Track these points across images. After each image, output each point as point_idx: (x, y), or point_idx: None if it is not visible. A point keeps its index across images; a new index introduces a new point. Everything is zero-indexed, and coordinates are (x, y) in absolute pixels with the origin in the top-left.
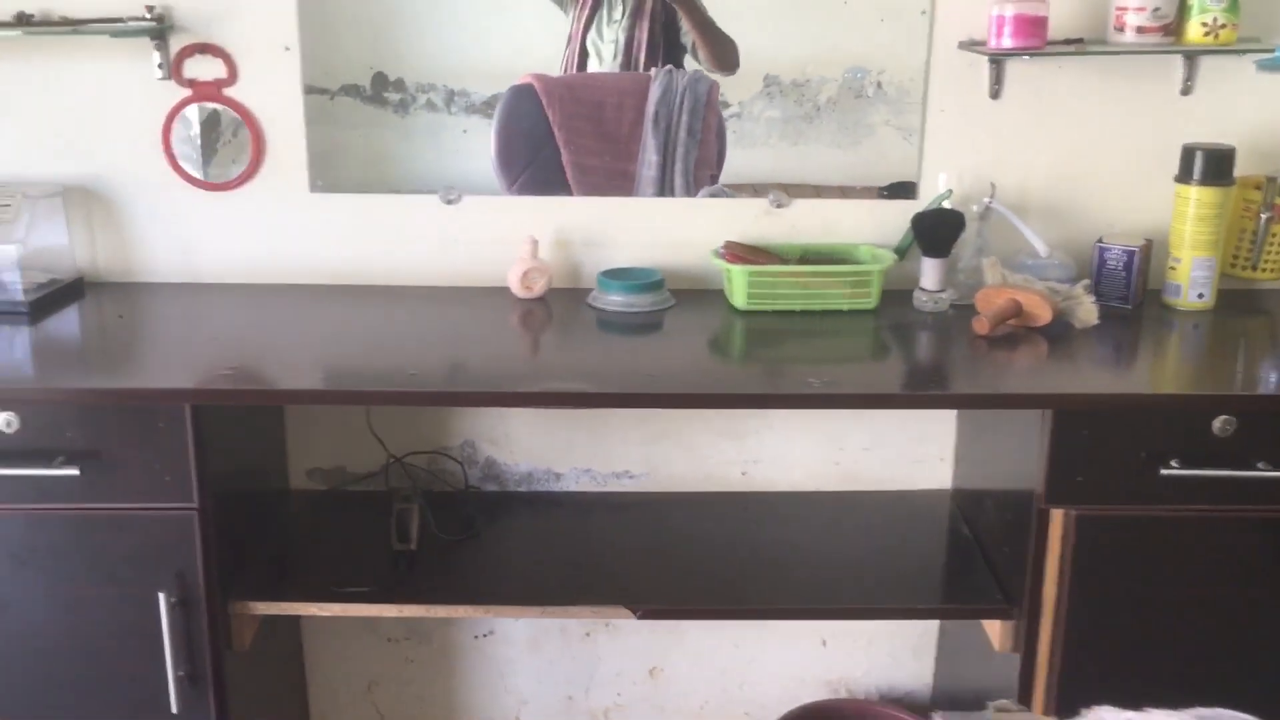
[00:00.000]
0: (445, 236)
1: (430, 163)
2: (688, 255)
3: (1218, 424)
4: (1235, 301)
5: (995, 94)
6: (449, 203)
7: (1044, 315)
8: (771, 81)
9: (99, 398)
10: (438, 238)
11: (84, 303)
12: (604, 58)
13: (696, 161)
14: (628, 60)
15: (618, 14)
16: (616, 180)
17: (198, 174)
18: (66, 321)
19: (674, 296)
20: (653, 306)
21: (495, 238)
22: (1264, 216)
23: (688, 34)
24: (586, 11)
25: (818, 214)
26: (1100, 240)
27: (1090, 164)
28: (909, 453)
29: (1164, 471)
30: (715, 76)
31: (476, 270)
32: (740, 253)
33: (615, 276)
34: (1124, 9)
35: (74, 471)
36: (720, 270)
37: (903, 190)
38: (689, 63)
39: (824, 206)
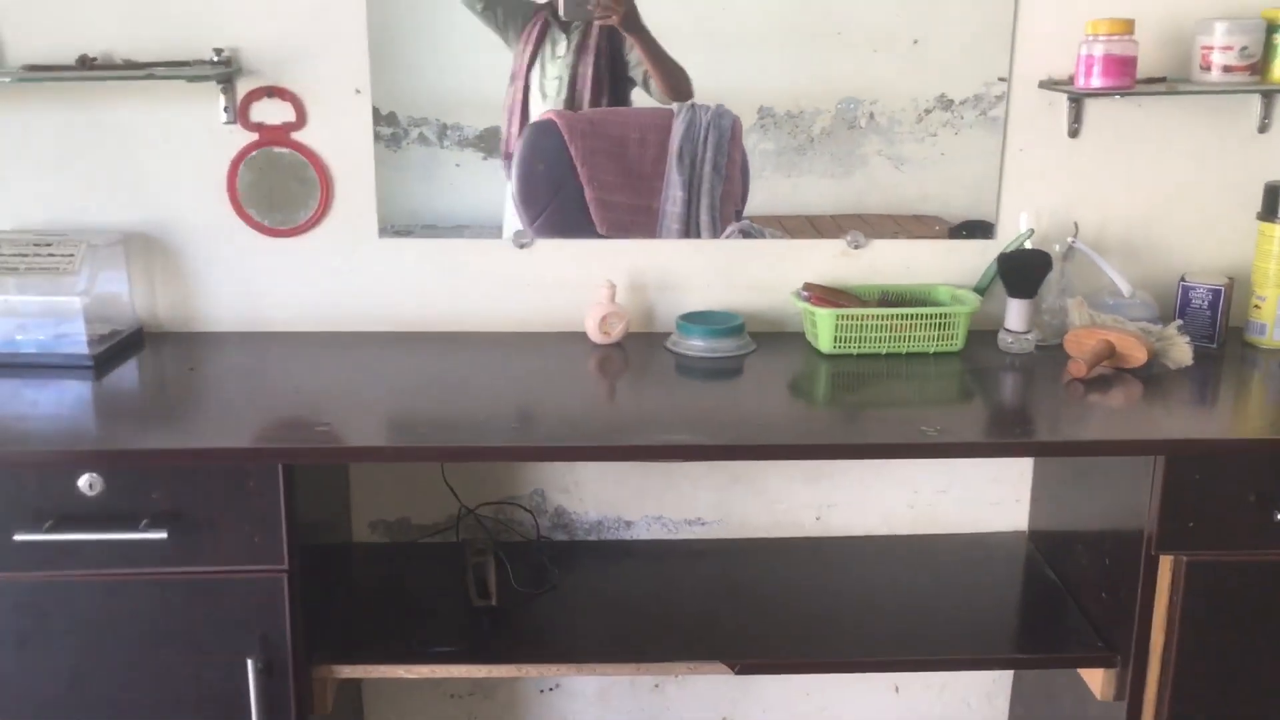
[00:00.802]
0: (518, 281)
1: (422, 197)
2: (764, 297)
3: None
4: None
5: (1074, 132)
6: (521, 247)
7: (1139, 357)
8: (766, 114)
9: (189, 459)
10: (510, 282)
11: (147, 354)
12: (548, 95)
13: (721, 197)
14: (572, 96)
15: (561, 49)
16: (640, 217)
17: (264, 220)
18: (134, 374)
19: (754, 340)
20: (735, 351)
21: (568, 281)
22: None
23: (637, 66)
24: (530, 47)
25: (895, 254)
26: (1184, 279)
27: (1168, 202)
28: (985, 494)
29: (1278, 516)
30: (670, 102)
31: (549, 315)
32: (822, 294)
33: (695, 320)
34: (1210, 48)
35: (161, 535)
36: (800, 312)
37: (979, 229)
38: (637, 96)
39: (901, 246)
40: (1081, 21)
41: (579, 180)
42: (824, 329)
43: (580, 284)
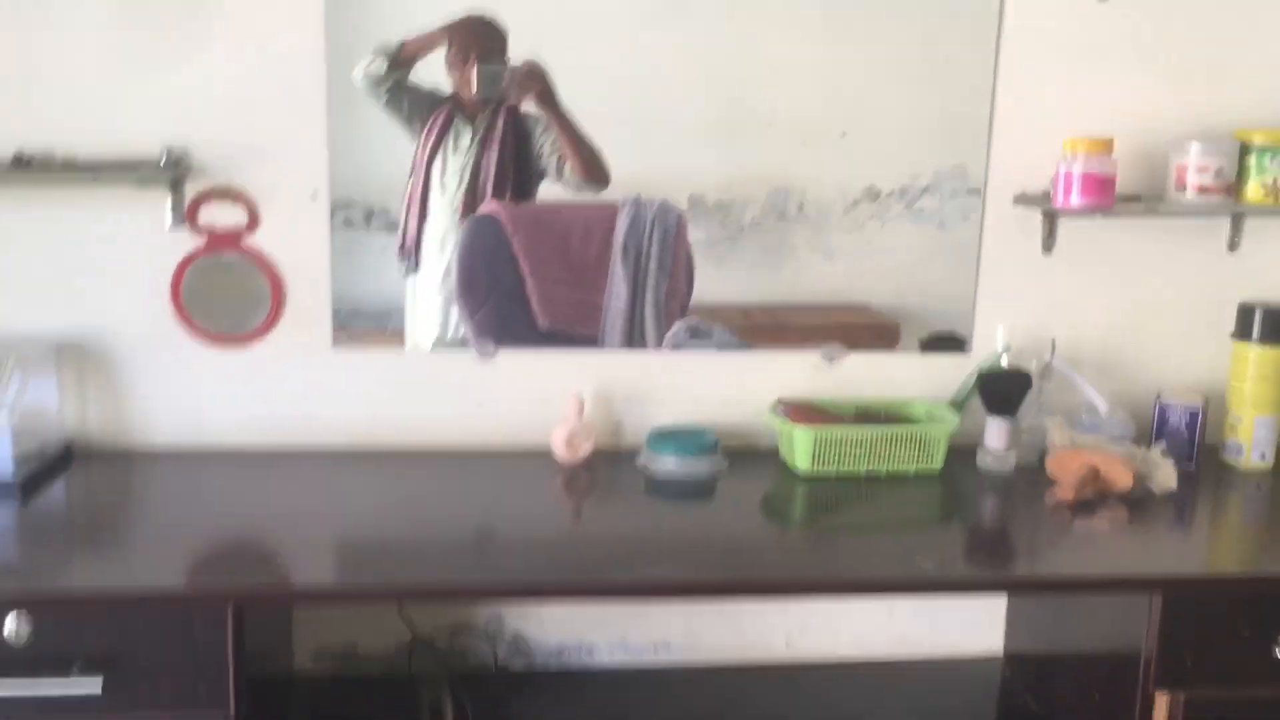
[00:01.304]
0: (480, 395)
1: (346, 283)
2: (736, 411)
3: None
4: None
5: (1048, 247)
6: (485, 359)
7: (1124, 481)
8: (696, 202)
9: (131, 602)
10: (472, 396)
11: (77, 474)
12: (446, 188)
13: (666, 294)
14: (473, 190)
15: (465, 141)
16: (584, 311)
17: (209, 328)
18: (63, 498)
19: (726, 457)
20: (709, 471)
21: (533, 394)
22: None
23: (551, 154)
24: (433, 139)
25: (869, 368)
26: (1160, 398)
27: (1141, 319)
28: (960, 617)
29: (1277, 650)
30: (586, 191)
31: (514, 431)
32: (799, 411)
33: (666, 437)
34: (1185, 167)
35: (95, 682)
36: (773, 428)
37: (952, 343)
38: (545, 188)
39: (875, 360)
40: (1055, 136)
41: (520, 273)
42: (802, 448)
43: (546, 398)
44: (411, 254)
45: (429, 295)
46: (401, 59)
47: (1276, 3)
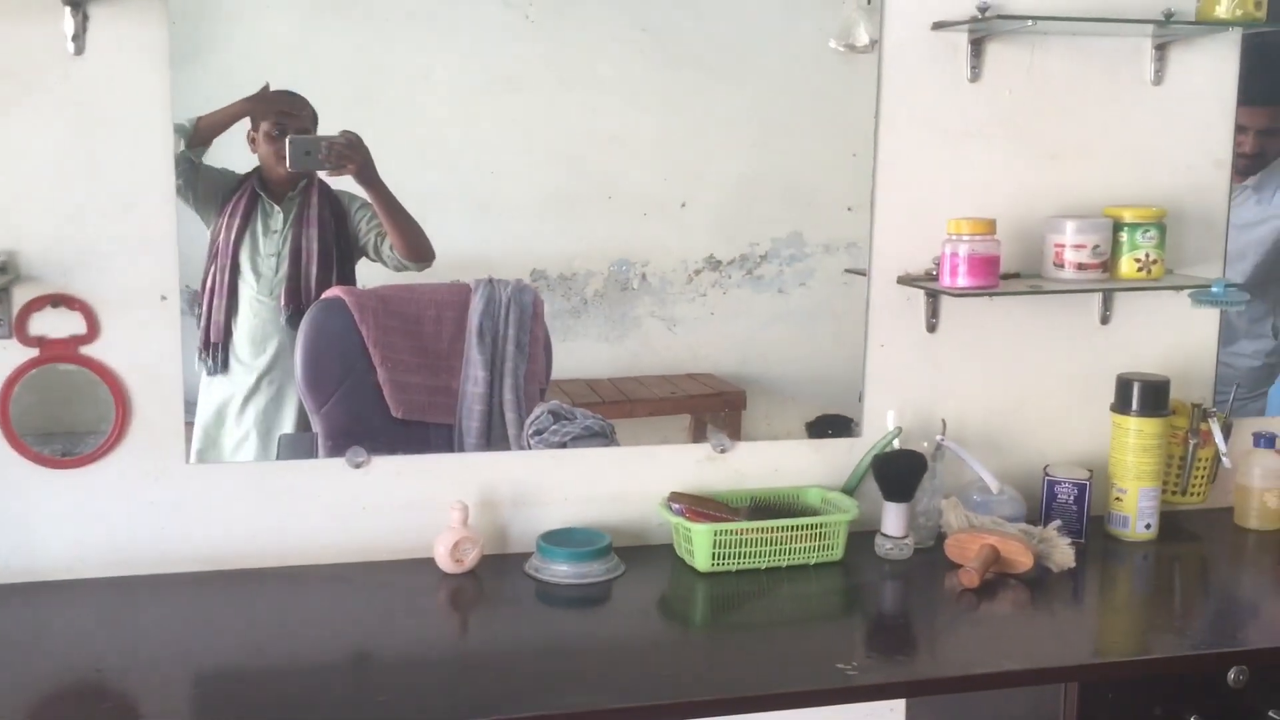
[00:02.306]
0: (354, 505)
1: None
2: (627, 508)
3: (1231, 676)
4: (1168, 526)
5: (932, 327)
6: (356, 466)
7: (1024, 562)
8: (539, 277)
9: None
10: (345, 508)
11: None
12: (262, 275)
13: (526, 375)
14: (295, 275)
15: (276, 222)
16: (439, 397)
17: (43, 449)
18: None
19: (620, 558)
20: (603, 575)
21: (412, 502)
22: (1192, 442)
23: (369, 232)
24: (236, 222)
25: (761, 456)
26: (1048, 472)
27: (1024, 393)
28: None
29: None
30: (409, 269)
31: (392, 541)
32: (693, 506)
33: (557, 541)
34: (1062, 245)
35: None
36: (666, 523)
37: (839, 425)
38: (363, 268)
39: (766, 449)
40: (934, 214)
41: (371, 362)
42: (700, 546)
43: (425, 504)
44: (218, 351)
45: (234, 398)
46: (198, 136)
47: (1137, 85)
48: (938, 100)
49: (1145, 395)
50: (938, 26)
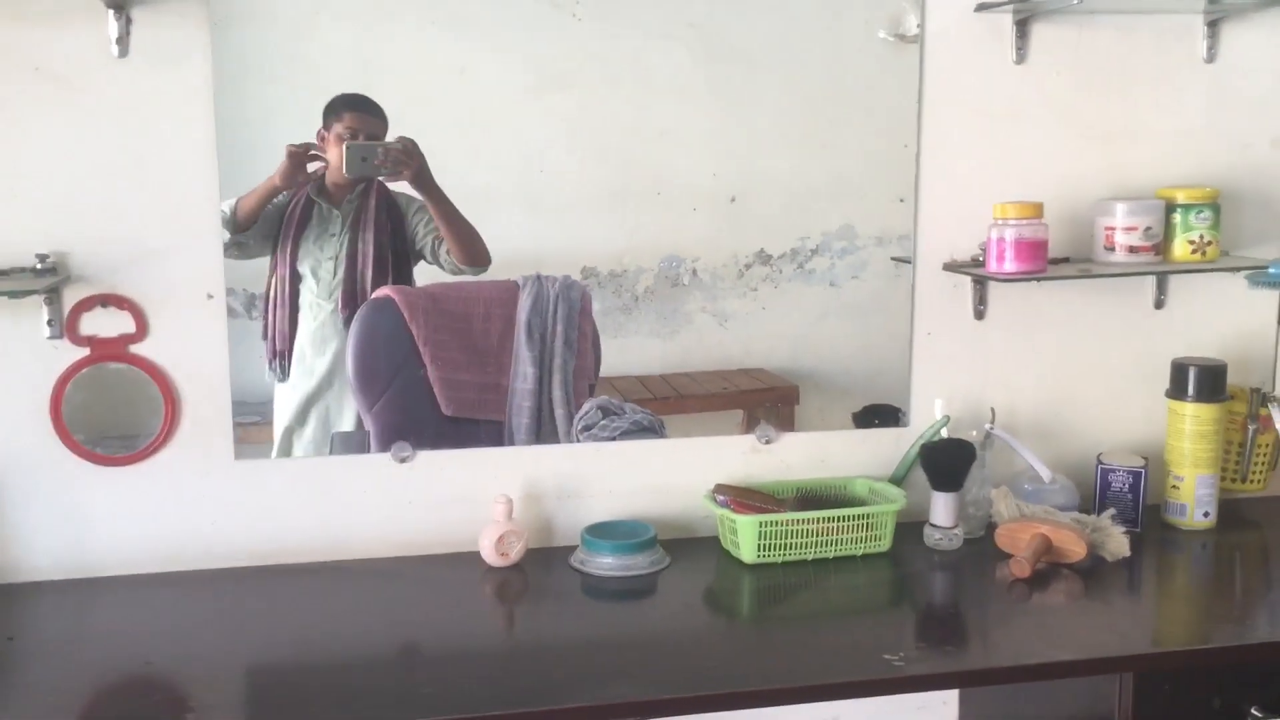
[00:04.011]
0: (399, 500)
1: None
2: (672, 500)
3: None
4: (1227, 514)
5: (980, 314)
6: (402, 461)
7: (1078, 551)
8: (589, 274)
9: None
10: (391, 503)
11: None
12: (320, 280)
13: (575, 371)
14: (351, 278)
15: (334, 227)
16: (489, 395)
17: (96, 447)
18: None
19: (665, 550)
20: (648, 568)
21: (457, 496)
22: (1251, 428)
23: (426, 236)
24: (293, 229)
25: (806, 447)
26: (1101, 460)
27: (1076, 381)
28: (911, 703)
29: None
30: (466, 274)
31: (438, 535)
32: (739, 498)
33: (602, 534)
34: (1113, 228)
35: None
36: (711, 515)
37: (887, 415)
38: (422, 271)
39: (812, 440)
40: (979, 199)
41: (421, 360)
42: (746, 538)
43: (470, 498)
44: (285, 358)
45: (300, 402)
46: (240, 222)
47: (1189, 62)
48: (983, 84)
49: (1202, 380)
50: (981, 8)
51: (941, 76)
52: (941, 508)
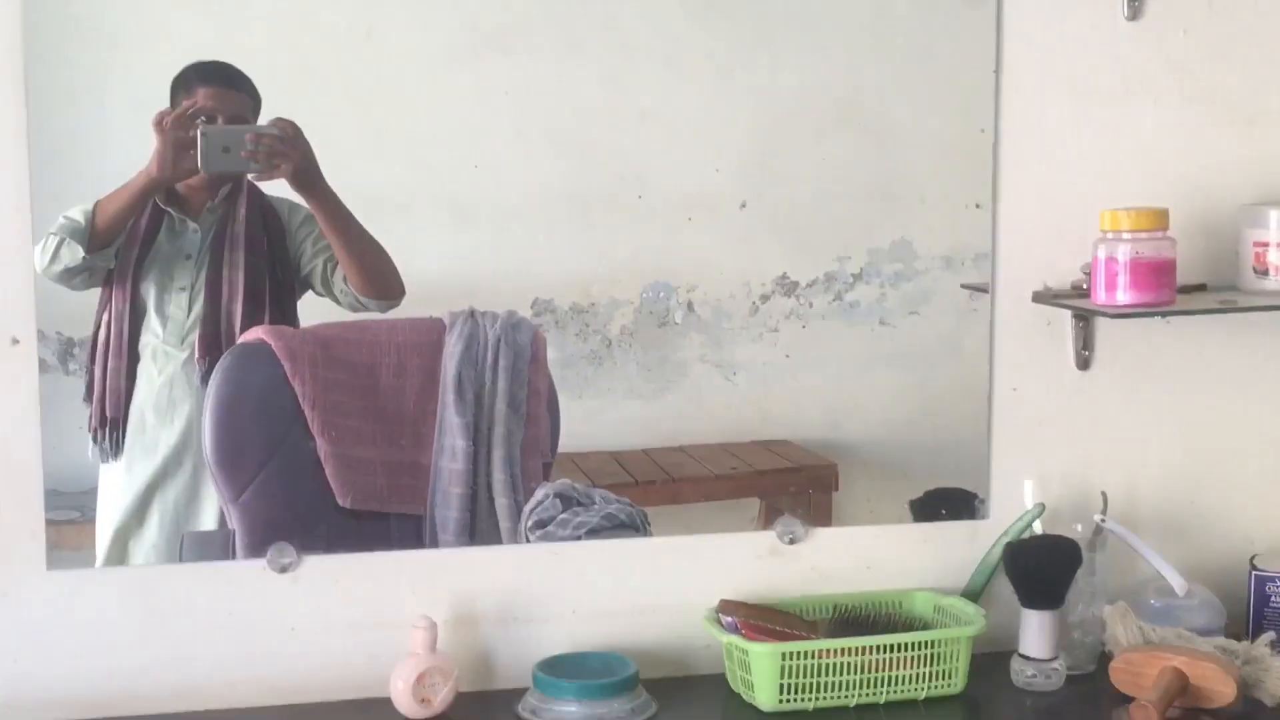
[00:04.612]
0: (279, 625)
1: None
2: (657, 624)
3: None
4: None
5: (1084, 363)
6: (282, 571)
7: (1225, 692)
8: (543, 307)
9: None
10: (268, 628)
11: None
12: (171, 320)
13: (523, 445)
14: (213, 316)
15: (190, 245)
16: (403, 478)
17: None
18: None
19: (650, 695)
20: (629, 718)
21: (358, 620)
22: None
23: (314, 258)
24: (136, 249)
25: (845, 547)
26: (1256, 564)
27: (1214, 454)
28: None
29: None
30: (368, 308)
31: (333, 675)
32: (752, 619)
33: (562, 672)
34: (1265, 244)
35: None
36: (715, 644)
37: (959, 504)
38: (309, 307)
39: (854, 536)
40: (1080, 206)
41: (308, 430)
42: (763, 675)
43: (378, 622)
44: (117, 428)
45: (139, 491)
46: (98, 236)
47: None
48: (1082, 49)
49: None
50: None
51: (1028, 37)
52: (1035, 632)
